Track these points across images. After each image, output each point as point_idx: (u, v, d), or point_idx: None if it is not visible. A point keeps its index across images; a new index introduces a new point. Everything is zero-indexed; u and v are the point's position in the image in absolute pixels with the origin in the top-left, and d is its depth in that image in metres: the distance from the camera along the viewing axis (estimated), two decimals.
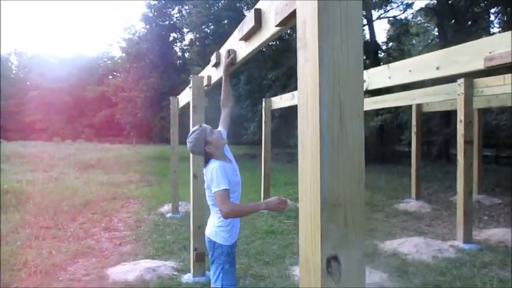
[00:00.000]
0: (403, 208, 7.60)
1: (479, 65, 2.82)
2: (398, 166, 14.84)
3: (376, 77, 4.12)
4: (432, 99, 6.58)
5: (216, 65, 3.21)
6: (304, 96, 1.11)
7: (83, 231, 5.97)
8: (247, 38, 2.20)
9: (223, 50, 3.03)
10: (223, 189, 2.61)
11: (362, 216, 1.08)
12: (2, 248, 4.87)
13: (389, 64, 3.93)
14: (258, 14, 1.92)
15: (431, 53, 3.49)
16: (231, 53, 2.68)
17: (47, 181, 11.00)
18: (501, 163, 17.80)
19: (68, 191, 9.27)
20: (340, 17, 1.04)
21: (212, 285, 2.79)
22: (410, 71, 3.59)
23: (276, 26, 1.62)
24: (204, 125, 3.12)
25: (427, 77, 3.40)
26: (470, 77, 5.02)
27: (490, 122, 16.23)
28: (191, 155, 4.19)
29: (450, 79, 5.15)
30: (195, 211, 4.12)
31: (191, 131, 3.04)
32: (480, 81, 5.20)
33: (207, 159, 2.90)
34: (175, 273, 4.20)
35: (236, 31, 2.44)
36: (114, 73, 46.36)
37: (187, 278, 4.07)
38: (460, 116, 5.20)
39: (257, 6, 1.94)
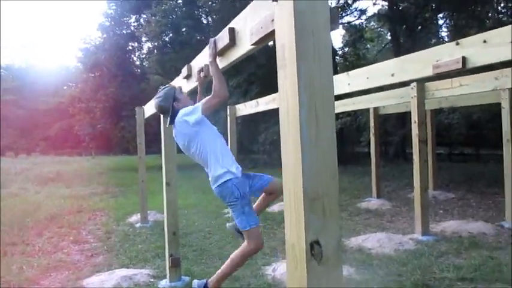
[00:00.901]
0: (365, 206, 7.97)
1: (429, 72, 3.13)
2: (358, 167, 15.38)
3: (337, 84, 4.40)
4: (388, 102, 7.01)
5: (188, 77, 3.36)
6: (285, 106, 1.31)
7: (51, 245, 5.91)
8: (221, 53, 2.39)
9: (194, 63, 3.20)
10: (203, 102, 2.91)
11: (337, 207, 1.29)
12: None
13: (349, 72, 4.23)
14: (232, 33, 2.12)
15: (386, 61, 3.80)
16: (204, 68, 2.84)
17: (7, 197, 10.68)
18: (454, 160, 18.81)
19: (30, 206, 9.07)
20: (313, 42, 1.25)
21: (243, 229, 3.06)
22: (367, 78, 3.89)
23: (252, 44, 1.82)
24: (174, 85, 3.34)
25: (383, 83, 3.71)
26: (421, 81, 5.43)
27: (442, 121, 17.13)
28: (163, 161, 4.32)
29: (404, 83, 5.58)
30: (169, 218, 4.24)
31: (160, 89, 3.26)
32: (431, 85, 5.62)
33: (173, 117, 3.12)
34: (152, 279, 4.29)
35: (207, 47, 2.62)
36: (70, 84, 45.21)
37: (164, 283, 4.17)
38: (414, 117, 5.59)
39: (231, 25, 2.14)
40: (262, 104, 6.53)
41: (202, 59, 2.90)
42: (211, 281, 3.34)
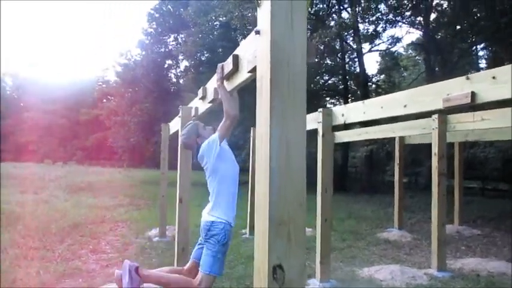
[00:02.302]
0: (385, 237, 7.81)
1: (439, 105, 3.12)
2: (386, 196, 15.08)
3: (353, 112, 4.43)
4: (410, 132, 6.93)
5: (203, 98, 3.49)
6: (260, 135, 1.38)
7: (70, 252, 6.10)
8: (228, 78, 2.50)
9: (209, 85, 3.32)
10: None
11: (303, 233, 1.33)
12: None
13: (364, 101, 4.25)
14: (236, 59, 2.22)
15: (399, 92, 3.81)
16: (214, 92, 2.95)
17: (37, 203, 11.10)
18: (487, 195, 18.12)
19: (57, 213, 9.38)
20: (288, 75, 1.32)
21: (203, 270, 3.07)
22: (382, 107, 3.90)
23: (248, 72, 1.91)
24: (197, 121, 3.50)
25: (396, 114, 3.70)
26: (443, 113, 5.37)
27: (477, 154, 16.65)
28: (178, 178, 4.44)
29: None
30: (180, 233, 4.32)
31: (185, 126, 3.42)
32: (453, 117, 5.54)
33: (197, 152, 3.28)
34: None
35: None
36: (109, 97, 46.80)
37: None
38: (434, 150, 5.51)
39: (235, 52, 2.24)
40: None
41: (214, 81, 3.02)
42: (147, 272, 3.34)
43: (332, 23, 14.79)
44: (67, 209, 10.28)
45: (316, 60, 20.28)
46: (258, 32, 1.42)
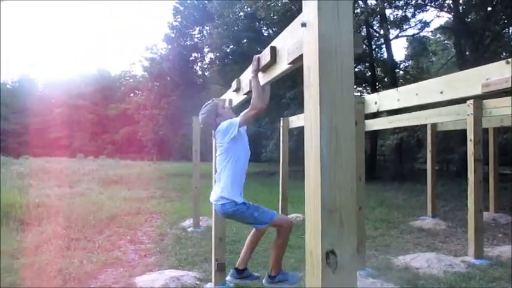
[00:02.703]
0: (418, 225, 7.74)
1: (478, 91, 3.08)
2: (417, 184, 14.88)
3: (386, 99, 4.40)
4: (444, 119, 6.81)
5: (237, 90, 3.54)
6: (309, 125, 1.42)
7: (110, 243, 6.31)
8: (264, 70, 2.53)
9: (243, 77, 3.37)
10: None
11: (354, 219, 1.37)
12: (39, 256, 5.26)
13: (398, 88, 4.21)
14: (274, 51, 2.25)
15: (435, 78, 3.76)
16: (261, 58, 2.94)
17: (73, 196, 11.48)
18: None
19: (94, 206, 9.69)
20: (336, 65, 1.35)
21: (265, 222, 3.25)
22: (417, 94, 3.86)
23: (288, 64, 1.95)
24: (217, 101, 3.60)
25: (432, 101, 3.67)
26: (478, 98, 5.26)
27: (511, 140, 16.16)
28: (213, 171, 4.52)
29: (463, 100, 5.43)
30: (216, 224, 4.41)
31: (204, 104, 3.52)
32: (489, 102, 5.42)
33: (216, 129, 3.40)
34: (198, 282, 4.48)
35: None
36: (136, 91, 47.59)
37: (209, 286, 4.34)
38: (470, 136, 5.42)
39: (272, 44, 2.27)
40: None
41: (249, 73, 3.06)
42: (272, 269, 3.46)
43: (358, 10, 14.53)
44: (103, 201, 10.59)
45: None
46: (304, 25, 1.46)
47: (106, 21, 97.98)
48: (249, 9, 18.41)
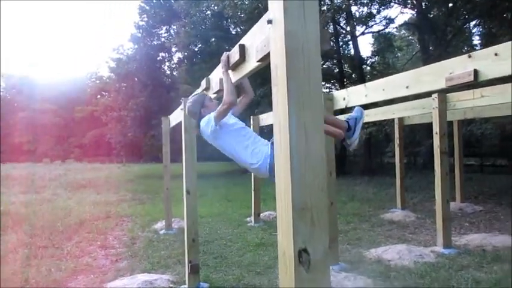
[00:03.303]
0: (389, 218, 7.89)
1: (442, 85, 3.15)
2: (386, 177, 15.19)
3: (354, 95, 4.45)
4: (410, 113, 6.98)
5: (207, 89, 3.49)
6: (278, 123, 1.40)
7: (79, 249, 6.15)
8: (234, 68, 2.51)
9: (213, 76, 3.33)
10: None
11: (325, 217, 1.36)
12: (3, 267, 5.06)
13: (366, 83, 4.26)
14: (242, 49, 2.23)
15: (401, 73, 3.83)
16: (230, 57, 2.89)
17: (40, 202, 11.14)
18: (486, 171, 18.27)
19: (62, 212, 9.42)
20: (303, 63, 1.34)
21: None
22: (383, 89, 3.93)
23: (257, 61, 1.93)
24: (206, 93, 3.54)
25: (398, 95, 3.73)
26: (443, 92, 5.40)
27: (475, 132, 16.70)
28: (183, 170, 4.46)
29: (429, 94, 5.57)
30: (189, 225, 4.36)
31: (193, 94, 3.44)
32: (452, 96, 5.57)
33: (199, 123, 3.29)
34: (172, 285, 4.42)
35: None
36: (103, 93, 46.60)
37: None
38: (436, 129, 5.56)
39: (241, 41, 2.24)
40: None
41: (219, 71, 3.03)
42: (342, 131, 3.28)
43: (325, 8, 14.69)
44: (71, 206, 10.32)
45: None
46: (270, 22, 1.44)
47: (70, 22, 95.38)
48: (216, 7, 18.30)
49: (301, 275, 1.31)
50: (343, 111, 6.36)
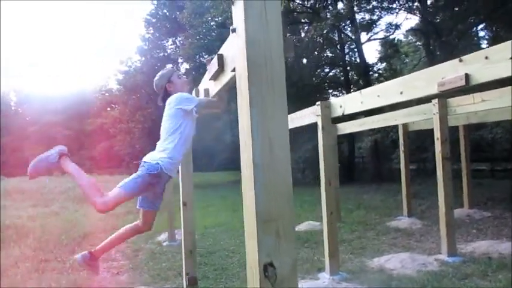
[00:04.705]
0: (395, 225, 7.78)
1: (434, 90, 3.09)
2: (394, 184, 14.99)
3: (350, 102, 4.41)
4: (412, 118, 6.90)
5: None
6: (242, 134, 1.37)
7: None
8: (214, 78, 2.49)
9: (200, 86, 3.33)
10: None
11: (292, 229, 1.32)
12: (3, 282, 5.06)
13: (362, 90, 4.22)
14: (221, 59, 2.21)
15: (396, 79, 3.79)
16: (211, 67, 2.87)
17: (48, 215, 11.19)
18: (497, 177, 17.94)
19: (68, 224, 9.45)
20: (266, 72, 1.31)
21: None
22: (378, 96, 3.88)
23: (231, 71, 1.90)
24: (175, 69, 3.52)
25: (393, 101, 3.68)
26: (443, 97, 5.32)
27: (485, 136, 16.48)
28: (180, 182, 4.44)
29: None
30: (186, 236, 4.33)
31: (163, 69, 3.44)
32: (453, 101, 5.49)
33: (165, 98, 3.23)
34: None
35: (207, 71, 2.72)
36: (113, 105, 46.95)
37: None
38: (437, 134, 5.47)
39: (220, 51, 2.23)
40: None
41: (205, 82, 3.03)
42: (96, 251, 3.28)
43: (328, 15, 14.70)
44: (77, 219, 10.36)
45: (316, 53, 20.25)
46: (234, 31, 1.42)
47: (76, 38, 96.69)
48: (219, 18, 18.42)
49: None
50: (351, 117, 6.26)
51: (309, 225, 7.74)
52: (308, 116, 5.35)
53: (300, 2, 20.53)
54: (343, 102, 4.49)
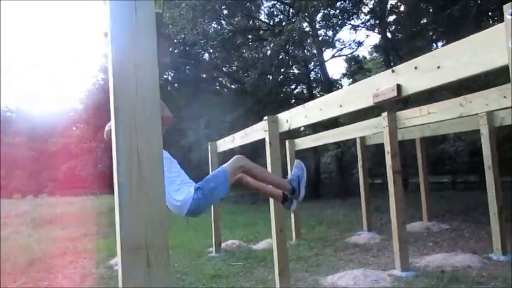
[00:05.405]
0: (354, 241, 7.71)
1: (370, 102, 3.03)
2: (357, 199, 15.02)
3: (296, 116, 4.32)
4: (366, 132, 6.90)
5: None
6: (114, 150, 1.22)
7: None
8: None
9: None
10: None
11: (165, 256, 1.17)
12: None
13: (305, 104, 4.14)
14: None
15: (337, 91, 3.72)
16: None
17: None
18: (458, 188, 18.35)
19: (17, 250, 8.94)
20: (136, 81, 1.17)
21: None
22: (321, 109, 3.80)
23: None
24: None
25: (333, 115, 3.61)
26: (392, 111, 5.33)
27: (447, 149, 16.82)
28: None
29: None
30: None
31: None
32: (401, 114, 5.51)
33: None
34: None
35: None
36: (78, 124, 45.84)
37: None
38: (387, 148, 5.45)
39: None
40: (238, 138, 6.46)
41: None
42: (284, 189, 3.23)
43: (288, 31, 14.85)
44: (29, 244, 9.82)
45: (282, 70, 20.42)
46: (106, 35, 1.28)
47: (39, 56, 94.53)
48: (183, 36, 18.30)
49: None
50: (289, 133, 6.19)
51: (267, 243, 7.57)
52: (258, 131, 5.25)
53: (266, 20, 20.76)
54: (289, 117, 4.40)
